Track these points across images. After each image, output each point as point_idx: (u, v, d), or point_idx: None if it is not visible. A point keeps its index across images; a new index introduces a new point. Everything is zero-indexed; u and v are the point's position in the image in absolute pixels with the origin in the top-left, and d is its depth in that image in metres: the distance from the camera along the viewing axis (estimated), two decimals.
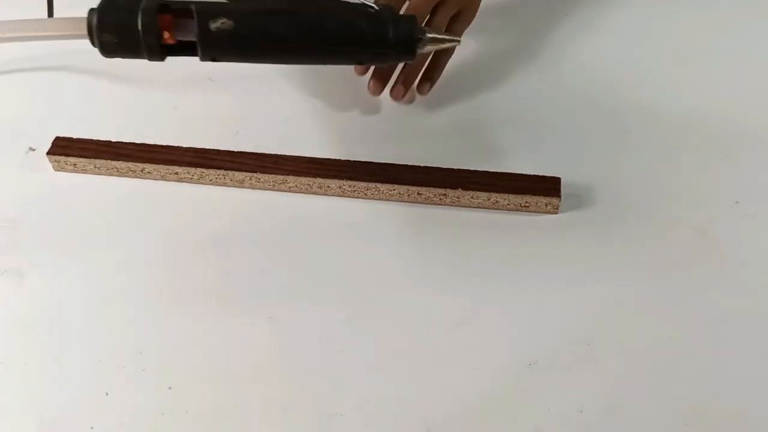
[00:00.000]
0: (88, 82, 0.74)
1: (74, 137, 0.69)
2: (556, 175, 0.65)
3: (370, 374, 0.56)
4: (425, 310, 0.60)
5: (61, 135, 0.69)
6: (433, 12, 0.68)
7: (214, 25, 0.47)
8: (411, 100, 0.73)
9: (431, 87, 0.72)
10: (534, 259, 0.63)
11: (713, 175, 0.68)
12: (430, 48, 0.54)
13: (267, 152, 0.67)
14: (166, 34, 0.47)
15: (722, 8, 0.83)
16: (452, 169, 0.65)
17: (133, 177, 0.68)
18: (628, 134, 0.71)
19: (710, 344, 0.57)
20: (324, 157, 0.67)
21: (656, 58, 0.78)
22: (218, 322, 0.59)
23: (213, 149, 0.68)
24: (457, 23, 0.70)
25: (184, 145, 0.68)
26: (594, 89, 0.75)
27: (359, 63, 0.54)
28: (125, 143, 0.69)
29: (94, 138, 0.69)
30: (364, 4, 0.52)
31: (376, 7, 0.52)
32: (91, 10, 0.48)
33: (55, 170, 0.69)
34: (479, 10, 0.73)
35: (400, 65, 0.69)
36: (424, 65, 0.71)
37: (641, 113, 0.73)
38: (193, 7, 0.47)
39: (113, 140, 0.69)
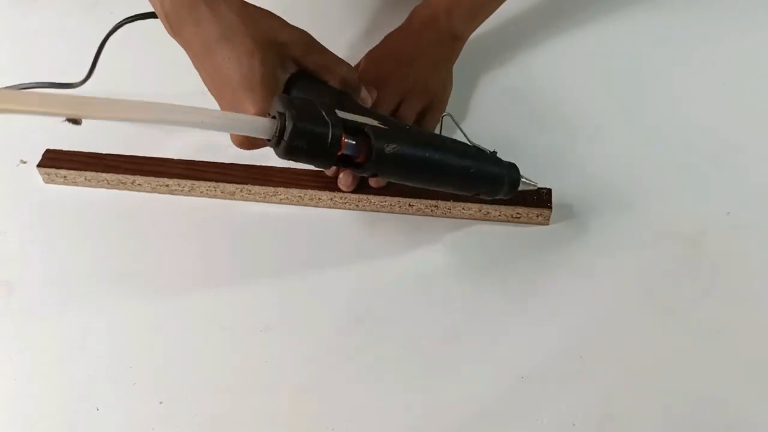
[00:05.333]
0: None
1: (64, 150, 0.69)
2: (547, 187, 0.65)
3: (360, 387, 0.56)
4: (417, 322, 0.60)
5: (52, 148, 0.69)
6: (398, 107, 0.68)
7: (388, 149, 0.53)
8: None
9: None
10: (525, 270, 0.63)
11: (704, 186, 0.68)
12: (521, 188, 0.61)
13: (258, 164, 0.67)
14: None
15: (713, 17, 0.83)
16: None
17: (124, 189, 0.68)
18: (618, 146, 0.71)
19: (702, 355, 0.57)
20: (314, 169, 0.67)
21: (647, 69, 0.78)
22: (209, 335, 0.59)
23: (204, 161, 0.68)
24: (426, 119, 0.70)
25: (176, 158, 0.68)
26: (585, 102, 0.75)
27: (477, 194, 0.60)
28: (115, 155, 0.68)
29: (86, 151, 0.69)
30: (479, 147, 0.60)
31: (488, 150, 0.60)
32: (281, 115, 0.50)
33: (46, 182, 0.69)
34: None
35: None
36: None
37: (632, 125, 0.73)
38: (369, 131, 0.53)
39: (104, 153, 0.68)
